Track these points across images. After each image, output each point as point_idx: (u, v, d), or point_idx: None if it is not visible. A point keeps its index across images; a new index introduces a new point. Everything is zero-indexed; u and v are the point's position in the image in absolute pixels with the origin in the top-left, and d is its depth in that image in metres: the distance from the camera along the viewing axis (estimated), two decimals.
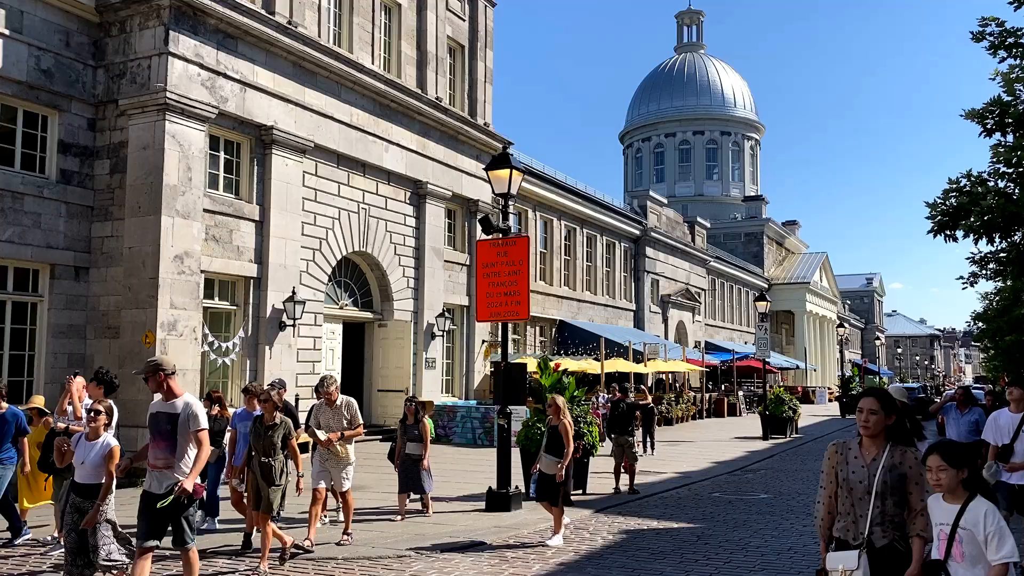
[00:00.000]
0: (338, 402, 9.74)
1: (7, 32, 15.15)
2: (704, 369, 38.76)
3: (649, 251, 42.49)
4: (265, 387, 10.48)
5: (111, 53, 16.72)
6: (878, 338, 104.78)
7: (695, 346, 43.08)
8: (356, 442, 10.07)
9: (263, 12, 18.27)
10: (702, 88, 72.91)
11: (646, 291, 42.21)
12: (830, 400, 59.41)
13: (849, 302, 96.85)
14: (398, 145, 22.58)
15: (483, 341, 26.61)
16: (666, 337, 42.78)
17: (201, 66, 16.70)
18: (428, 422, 11.73)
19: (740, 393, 42.03)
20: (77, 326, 16.43)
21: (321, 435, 9.52)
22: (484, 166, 14.59)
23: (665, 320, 44.45)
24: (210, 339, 17.29)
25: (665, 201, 47.61)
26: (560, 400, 10.45)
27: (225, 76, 17.27)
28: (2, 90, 15.21)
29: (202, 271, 16.80)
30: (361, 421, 9.84)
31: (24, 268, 15.76)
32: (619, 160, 77.50)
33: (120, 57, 16.58)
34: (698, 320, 49.36)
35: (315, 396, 10.65)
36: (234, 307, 18.16)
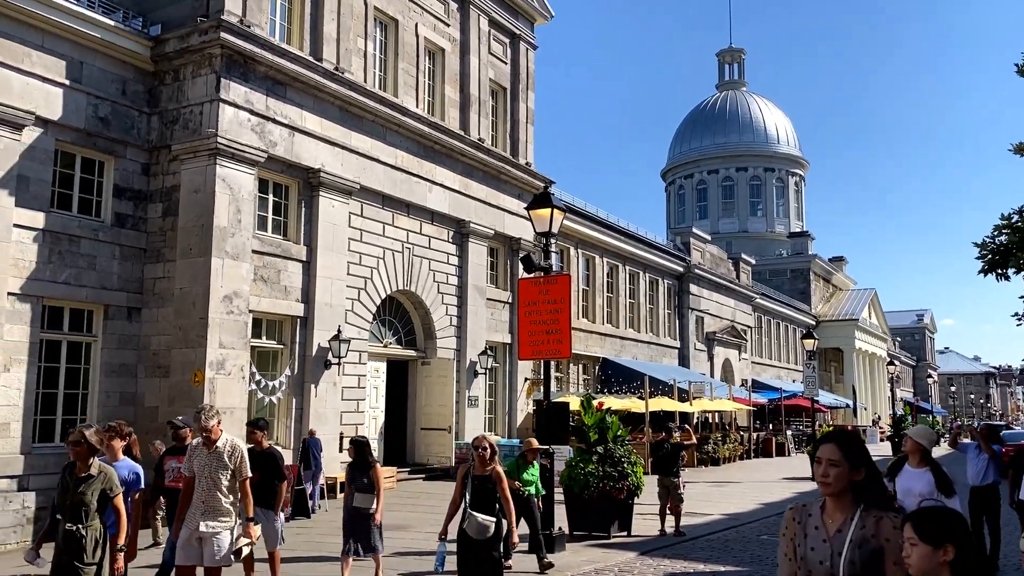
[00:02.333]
0: (220, 444, 7.23)
1: (67, 82, 15.80)
2: (751, 408, 38.11)
3: (693, 288, 42.17)
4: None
5: (165, 100, 17.31)
6: (930, 376, 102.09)
7: (742, 384, 42.45)
8: (399, 479, 9.89)
9: (311, 59, 18.79)
10: (744, 125, 72.73)
11: (691, 328, 41.81)
12: (881, 439, 57.83)
13: (899, 339, 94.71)
14: (441, 185, 22.88)
15: (525, 379, 26.56)
16: (712, 375, 42.23)
17: (251, 112, 17.19)
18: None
19: (788, 432, 41.19)
20: (129, 365, 16.81)
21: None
22: (526, 205, 14.71)
23: (711, 358, 43.91)
24: (257, 378, 17.54)
25: (708, 238, 47.34)
26: (489, 441, 8.05)
27: (274, 121, 17.75)
28: (61, 138, 15.82)
29: (250, 311, 17.11)
30: (249, 474, 7.33)
31: (79, 309, 16.22)
32: (661, 197, 77.45)
33: (174, 104, 17.16)
34: (744, 358, 48.67)
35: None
36: (281, 346, 18.43)
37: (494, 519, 7.47)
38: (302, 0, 19.26)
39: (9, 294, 14.76)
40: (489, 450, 7.85)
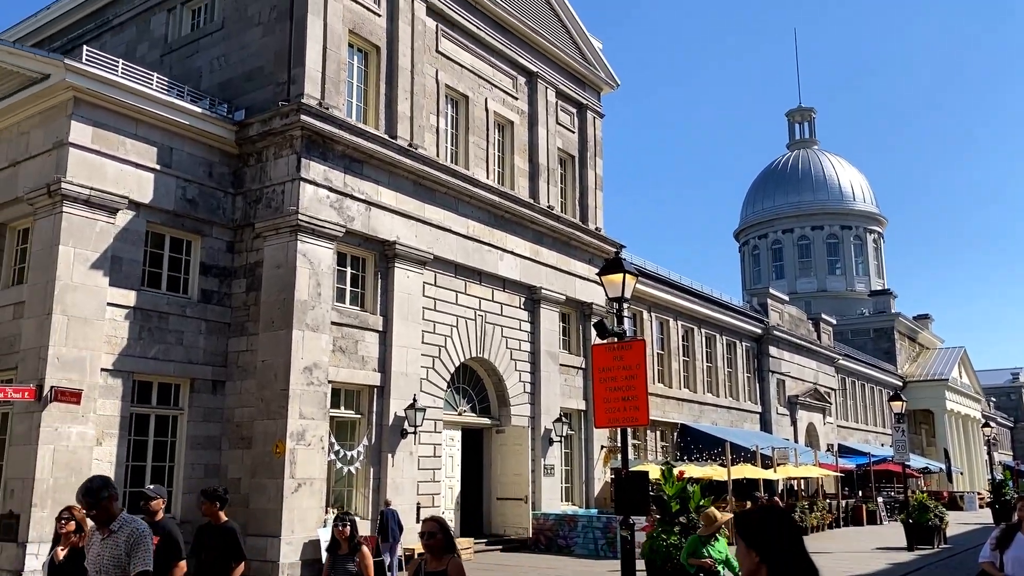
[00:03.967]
0: (115, 528, 5.59)
1: (158, 167, 16.71)
2: (838, 474, 36.59)
3: (772, 350, 41.17)
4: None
5: (249, 181, 18.10)
6: None
7: (827, 449, 40.86)
8: (476, 551, 9.42)
9: (386, 137, 19.45)
10: (818, 183, 71.71)
11: (771, 392, 40.68)
12: (981, 506, 54.60)
13: (994, 399, 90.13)
14: (512, 253, 23.13)
15: (602, 447, 26.16)
16: (796, 440, 40.82)
17: (330, 189, 17.82)
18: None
19: (879, 499, 39.29)
20: (213, 437, 17.24)
21: None
22: (597, 270, 14.75)
23: (794, 422, 42.52)
24: (336, 448, 17.75)
25: (786, 298, 46.37)
26: (440, 523, 6.10)
27: (352, 197, 18.34)
28: (152, 219, 16.66)
29: (329, 381, 17.43)
30: (150, 567, 5.65)
31: (167, 383, 16.80)
32: (734, 258, 76.65)
33: (257, 184, 17.92)
34: (829, 421, 46.99)
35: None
36: (358, 416, 18.66)
37: None
38: (377, 82, 20.06)
39: (102, 370, 15.42)
40: (440, 535, 5.79)
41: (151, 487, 7.97)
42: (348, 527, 8.29)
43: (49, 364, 14.63)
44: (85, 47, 16.48)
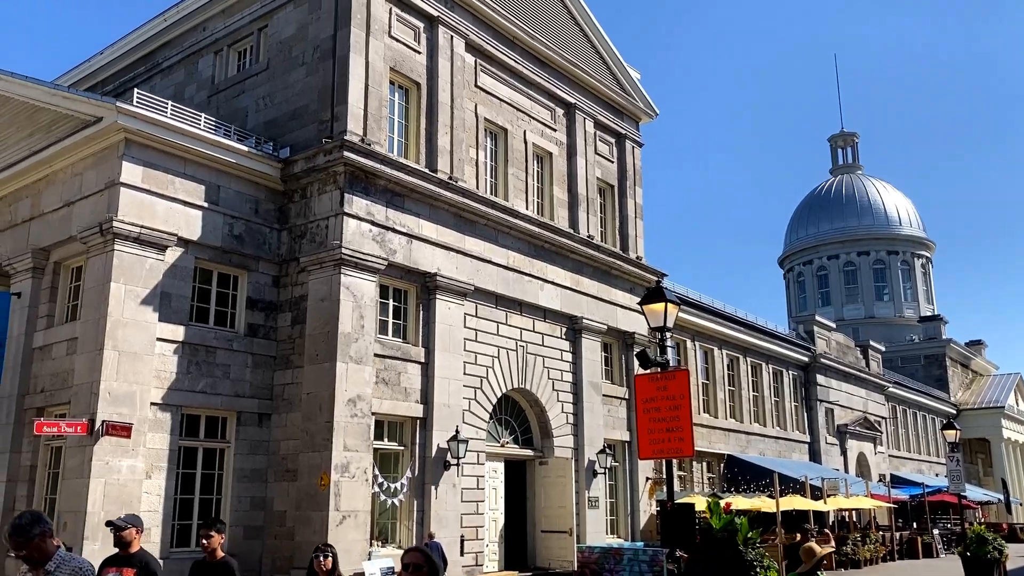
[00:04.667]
0: (51, 568, 4.85)
1: (206, 204, 17.12)
2: (892, 505, 35.62)
3: (820, 378, 40.42)
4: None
5: (293, 216, 18.44)
6: None
7: (879, 480, 39.87)
8: None
9: (427, 171, 19.71)
10: (863, 208, 70.71)
11: (820, 421, 39.87)
12: None
13: None
14: (553, 283, 23.15)
15: (647, 478, 25.83)
16: (846, 470, 39.88)
17: (372, 223, 18.07)
18: None
19: (935, 531, 38.11)
20: (259, 470, 17.41)
21: None
22: (638, 299, 14.69)
23: (844, 452, 41.57)
24: (380, 480, 17.80)
25: (833, 325, 45.60)
26: (424, 555, 5.22)
27: (393, 230, 18.57)
28: (200, 255, 17.04)
29: (372, 413, 17.54)
30: None
31: (214, 416, 17.06)
32: (778, 285, 75.57)
33: (301, 219, 18.25)
34: (880, 451, 45.85)
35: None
36: (402, 447, 18.72)
37: None
38: (418, 117, 20.38)
39: (152, 404, 15.72)
40: (426, 568, 5.12)
41: (122, 516, 7.22)
42: (330, 559, 7.77)
43: (101, 399, 14.96)
44: (136, 90, 17.03)
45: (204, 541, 7.65)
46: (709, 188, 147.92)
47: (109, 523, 7.22)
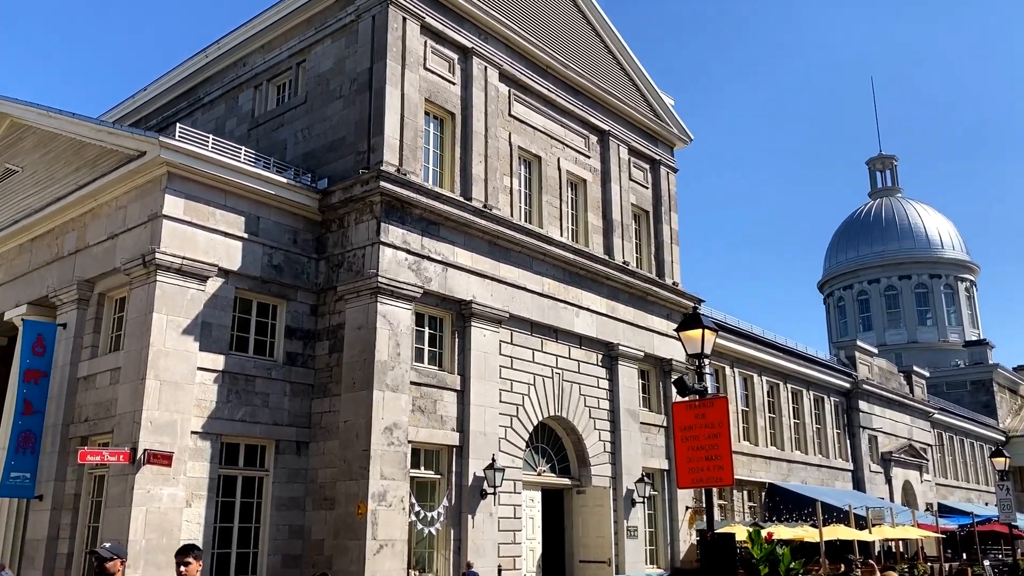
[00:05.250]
0: None
1: (246, 235, 17.41)
2: (940, 535, 34.62)
3: (863, 405, 39.65)
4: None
5: (331, 246, 18.67)
6: None
7: (926, 509, 38.84)
8: None
9: (461, 199, 19.86)
10: (903, 231, 69.67)
11: (863, 449, 39.05)
12: None
13: None
14: (588, 310, 23.08)
15: (687, 507, 25.45)
16: (891, 499, 38.94)
17: (408, 251, 18.23)
18: None
19: (986, 562, 36.90)
20: (297, 499, 17.49)
21: None
22: (675, 326, 14.59)
23: (888, 480, 40.62)
24: (416, 508, 17.77)
25: (875, 351, 44.78)
26: None
27: (429, 258, 18.70)
28: (240, 285, 17.30)
29: (409, 441, 17.56)
30: None
31: (253, 444, 17.21)
32: (818, 310, 74.58)
33: (339, 249, 18.47)
34: (927, 479, 44.72)
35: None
36: (438, 476, 18.68)
37: None
38: (452, 146, 20.59)
39: (192, 433, 15.92)
40: None
41: (106, 545, 6.98)
42: None
43: (143, 428, 15.19)
44: (178, 124, 17.46)
45: (182, 568, 6.90)
46: (746, 213, 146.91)
47: (92, 552, 6.79)
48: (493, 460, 19.03)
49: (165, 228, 16.21)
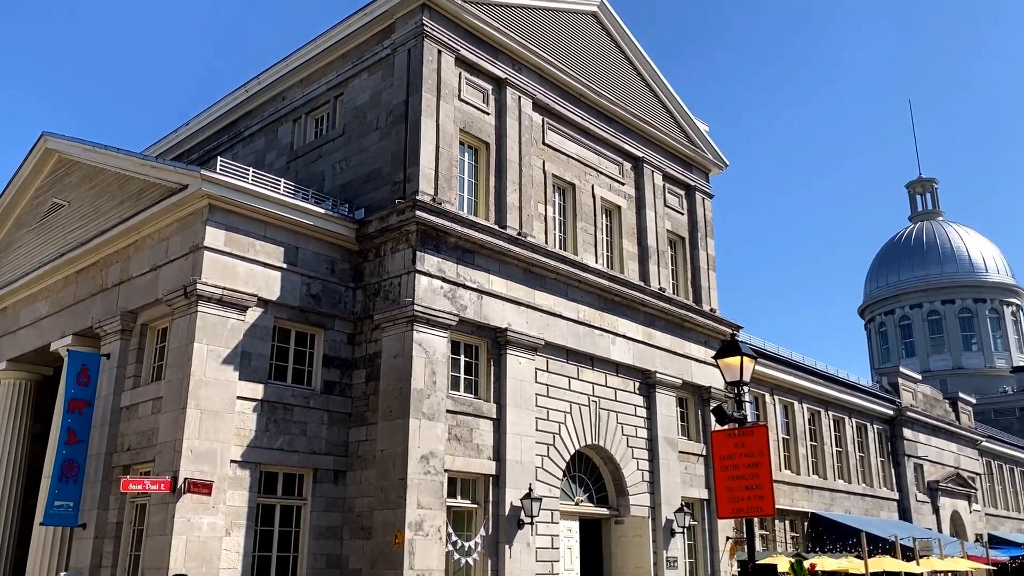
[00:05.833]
0: None
1: (284, 266, 17.65)
2: (990, 567, 33.58)
3: (907, 433, 38.78)
4: None
5: (368, 275, 18.85)
6: None
7: (976, 540, 37.72)
8: None
9: (496, 227, 19.95)
10: (946, 255, 68.47)
11: (909, 477, 38.12)
12: None
13: None
14: (624, 337, 22.94)
15: (728, 538, 25.00)
16: (939, 530, 37.89)
17: (443, 279, 18.33)
18: None
19: None
20: (335, 528, 17.51)
21: None
22: (713, 352, 14.43)
23: (936, 510, 39.55)
24: (453, 538, 17.69)
25: (919, 377, 43.88)
26: None
27: (464, 286, 18.78)
28: (279, 315, 17.51)
29: (445, 470, 17.52)
30: None
31: (291, 473, 17.30)
32: (858, 336, 73.30)
33: (375, 278, 18.64)
34: (976, 509, 43.46)
35: None
36: (475, 505, 18.59)
37: None
38: (487, 175, 20.74)
39: (232, 461, 16.06)
40: None
41: (65, 572, 6.18)
42: None
43: (183, 456, 15.36)
44: (219, 158, 17.82)
45: None
46: (783, 238, 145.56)
47: None
48: (530, 489, 18.90)
49: (206, 259, 16.50)
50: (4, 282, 23.26)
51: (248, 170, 17.66)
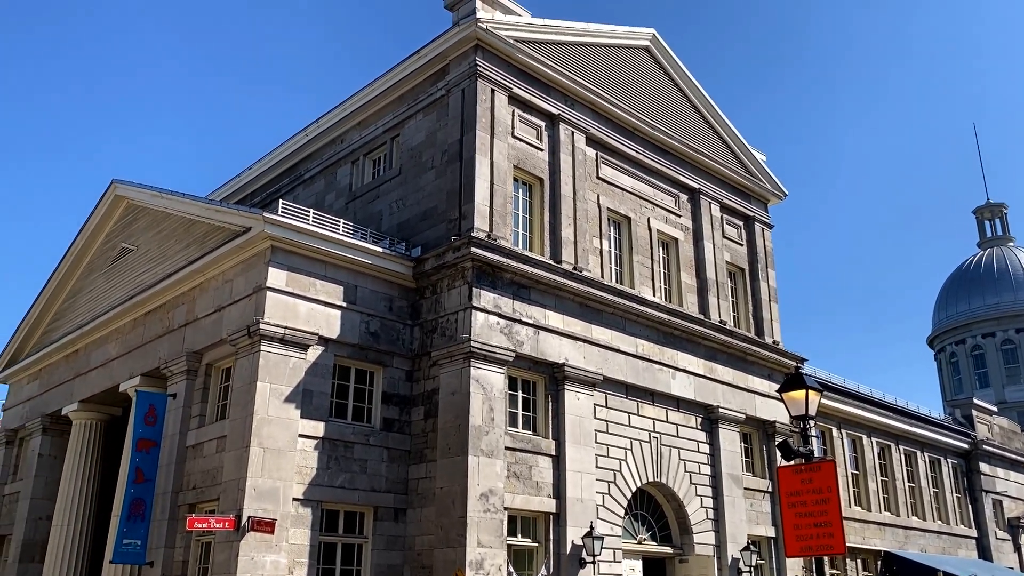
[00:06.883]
0: None
1: (344, 304, 17.90)
2: None
3: (984, 467, 37.21)
4: None
5: (425, 312, 18.99)
6: None
7: None
8: None
9: (551, 262, 19.96)
10: (1019, 282, 66.08)
11: (987, 514, 36.49)
12: None
13: None
14: (685, 371, 22.60)
15: None
16: (1021, 569, 36.08)
17: (499, 315, 18.35)
18: None
19: None
20: (395, 566, 17.47)
21: None
22: (777, 386, 14.11)
23: (1017, 548, 37.71)
24: None
25: (994, 408, 42.17)
26: None
27: (520, 322, 18.77)
28: (339, 353, 17.72)
29: (505, 508, 17.37)
30: None
31: (352, 511, 17.35)
32: (928, 367, 70.94)
33: (432, 315, 18.76)
34: None
35: None
36: (535, 544, 18.37)
37: None
38: (541, 211, 20.81)
39: (294, 499, 16.19)
40: None
41: None
42: None
43: (247, 495, 15.54)
44: (281, 200, 18.26)
45: None
46: (848, 267, 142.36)
47: None
48: (591, 528, 18.61)
49: (269, 299, 16.83)
50: (76, 325, 24.08)
51: (309, 212, 18.04)
